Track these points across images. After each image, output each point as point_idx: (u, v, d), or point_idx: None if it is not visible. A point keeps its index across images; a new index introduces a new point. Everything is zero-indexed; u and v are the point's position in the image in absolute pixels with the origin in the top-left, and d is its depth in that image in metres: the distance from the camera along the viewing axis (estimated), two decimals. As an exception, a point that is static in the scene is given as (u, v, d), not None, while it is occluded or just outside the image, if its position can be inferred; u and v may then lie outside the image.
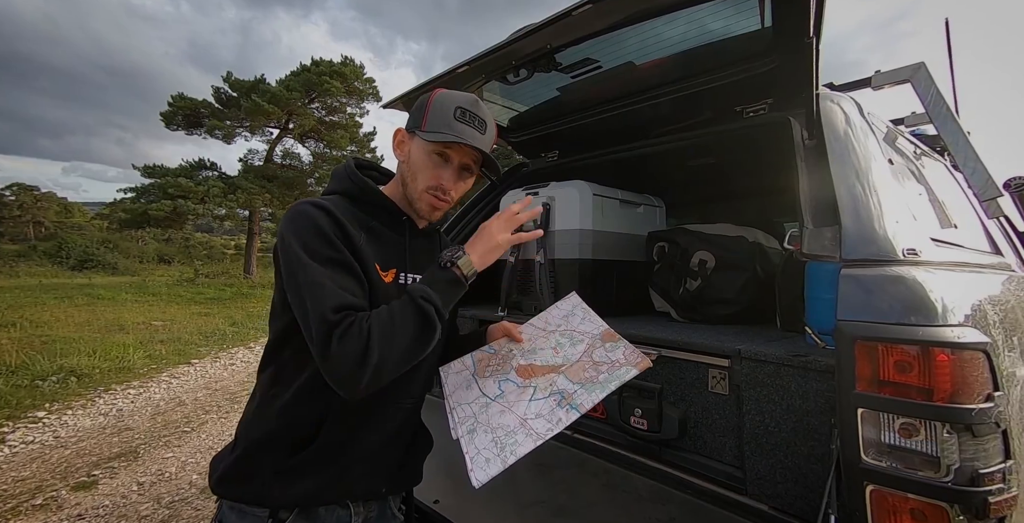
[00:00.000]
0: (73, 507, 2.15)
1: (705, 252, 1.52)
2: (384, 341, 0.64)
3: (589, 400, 0.77)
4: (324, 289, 0.66)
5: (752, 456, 0.98)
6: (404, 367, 0.68)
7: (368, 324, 0.65)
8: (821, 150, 1.00)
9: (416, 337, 0.68)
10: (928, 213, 1.11)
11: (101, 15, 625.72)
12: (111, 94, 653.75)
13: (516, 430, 0.74)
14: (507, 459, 0.70)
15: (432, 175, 0.80)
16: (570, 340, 0.91)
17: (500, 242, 0.79)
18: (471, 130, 0.79)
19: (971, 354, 0.66)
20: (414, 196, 0.82)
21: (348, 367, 0.63)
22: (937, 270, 0.82)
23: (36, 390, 3.75)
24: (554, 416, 0.75)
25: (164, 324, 6.90)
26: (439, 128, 0.77)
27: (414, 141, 0.81)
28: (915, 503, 0.66)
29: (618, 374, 0.81)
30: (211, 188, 13.46)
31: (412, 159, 0.81)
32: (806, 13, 0.90)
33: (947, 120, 1.27)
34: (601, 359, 0.85)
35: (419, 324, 0.68)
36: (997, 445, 0.65)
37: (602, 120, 1.65)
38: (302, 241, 0.70)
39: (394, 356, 0.65)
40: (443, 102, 0.79)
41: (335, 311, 0.65)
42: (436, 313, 0.69)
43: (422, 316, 0.68)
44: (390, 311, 0.68)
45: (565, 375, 0.83)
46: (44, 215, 31.63)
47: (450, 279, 0.73)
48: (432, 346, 0.71)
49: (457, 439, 0.76)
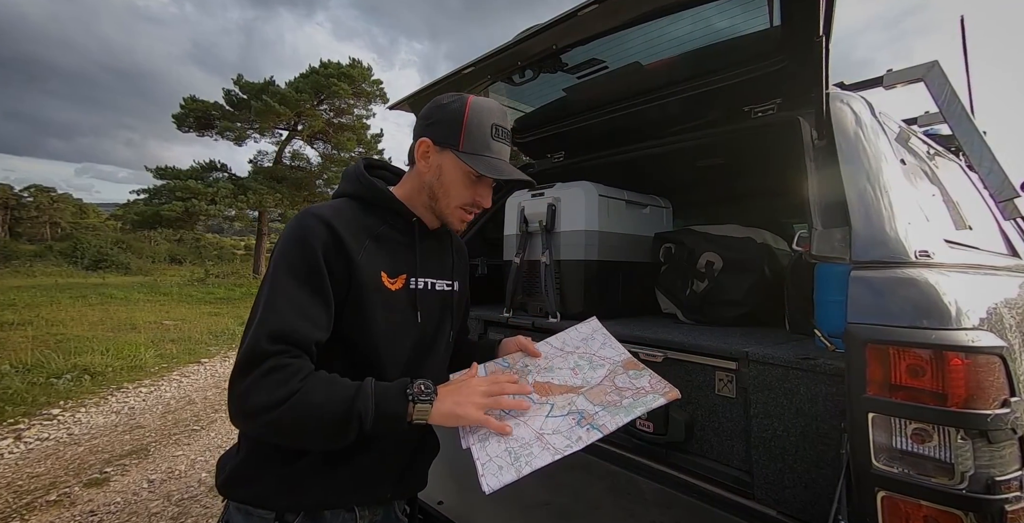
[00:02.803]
0: (85, 503, 2.19)
1: (712, 253, 1.51)
2: (297, 416, 0.61)
3: (612, 422, 0.74)
4: (276, 312, 0.65)
5: (760, 460, 0.97)
6: (292, 444, 0.66)
7: (298, 385, 0.62)
8: (831, 150, 0.98)
9: (323, 435, 0.64)
10: (942, 214, 1.09)
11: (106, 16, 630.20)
12: (119, 95, 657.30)
13: (532, 443, 0.71)
14: (521, 469, 0.67)
15: (469, 193, 0.80)
16: (589, 363, 0.88)
17: (469, 415, 0.70)
18: (504, 147, 0.80)
19: (986, 358, 0.64)
20: (445, 211, 0.81)
21: (247, 407, 0.61)
22: (951, 272, 0.80)
23: (51, 388, 3.82)
24: (573, 434, 0.73)
25: (175, 323, 7.00)
26: (479, 150, 0.77)
27: (445, 156, 0.78)
28: (928, 510, 0.64)
29: (644, 401, 0.78)
30: (221, 189, 13.65)
31: (445, 175, 0.79)
32: (815, 11, 0.88)
33: (962, 119, 1.25)
34: (624, 385, 0.82)
35: (336, 428, 0.63)
36: (1014, 452, 0.63)
37: (608, 120, 1.64)
38: (286, 256, 0.69)
39: (293, 433, 0.63)
40: (479, 119, 0.77)
41: (273, 340, 0.63)
42: (359, 429, 0.64)
43: (345, 424, 0.63)
44: (328, 390, 0.63)
45: (585, 396, 0.80)
46: (60, 216, 32.29)
47: (398, 415, 0.66)
48: (331, 448, 0.68)
49: (467, 448, 0.73)
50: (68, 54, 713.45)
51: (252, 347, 0.63)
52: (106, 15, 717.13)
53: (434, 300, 0.86)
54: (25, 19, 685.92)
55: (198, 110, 14.43)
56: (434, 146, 0.80)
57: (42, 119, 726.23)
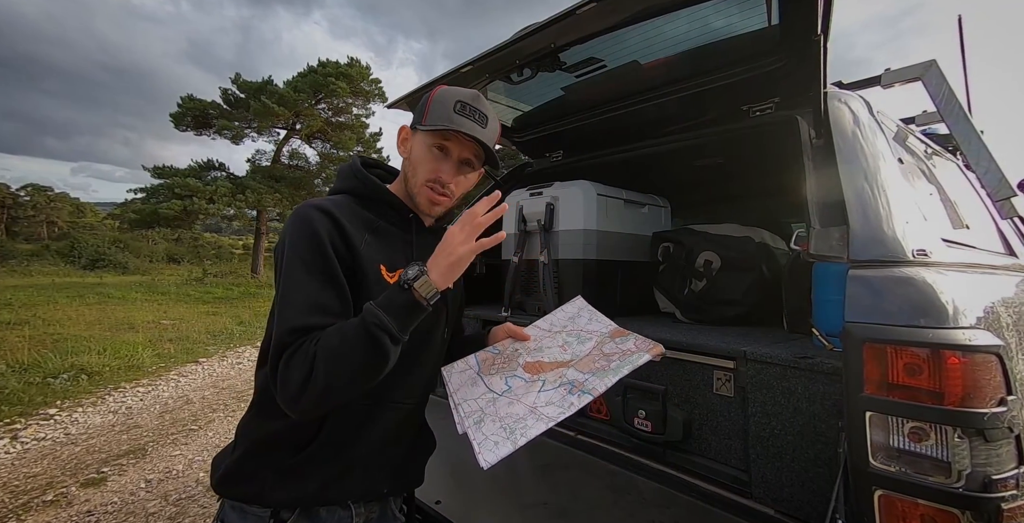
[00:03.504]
0: (82, 503, 2.18)
1: (711, 253, 1.51)
2: (329, 368, 0.62)
3: (602, 384, 0.75)
4: (293, 306, 0.66)
5: (758, 459, 0.97)
6: (353, 391, 0.66)
7: (315, 348, 0.63)
8: (829, 149, 0.98)
9: (364, 364, 0.64)
10: (939, 213, 1.09)
11: (102, 14, 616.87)
12: (115, 94, 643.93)
13: (526, 416, 0.72)
14: (517, 440, 0.68)
15: (432, 168, 0.80)
16: (578, 338, 0.90)
17: (462, 254, 0.70)
18: (471, 123, 0.78)
19: (983, 357, 0.64)
20: (414, 190, 0.82)
21: (290, 391, 0.62)
22: (948, 271, 0.80)
23: (48, 388, 3.81)
24: (565, 402, 0.74)
25: (173, 323, 6.98)
26: (438, 121, 0.77)
27: (416, 136, 0.81)
28: (925, 509, 0.64)
29: (631, 360, 0.80)
30: (219, 188, 13.62)
31: (413, 154, 0.81)
32: (814, 10, 0.88)
33: (959, 119, 1.25)
34: (612, 351, 0.84)
35: (368, 352, 0.64)
36: (1011, 450, 0.64)
37: (607, 120, 1.64)
38: (294, 248, 0.70)
39: (339, 383, 0.63)
40: (443, 97, 0.80)
41: (291, 332, 0.65)
42: (389, 339, 0.65)
43: (372, 343, 0.64)
44: (341, 335, 0.64)
45: (575, 368, 0.82)
46: (58, 215, 32.17)
47: (408, 302, 0.67)
48: (384, 372, 0.67)
49: (464, 432, 0.75)
50: (65, 53, 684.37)
51: (276, 343, 0.65)
52: (102, 13, 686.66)
53: None
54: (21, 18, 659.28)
55: (196, 109, 14.38)
56: (409, 131, 0.83)
57: (38, 118, 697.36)
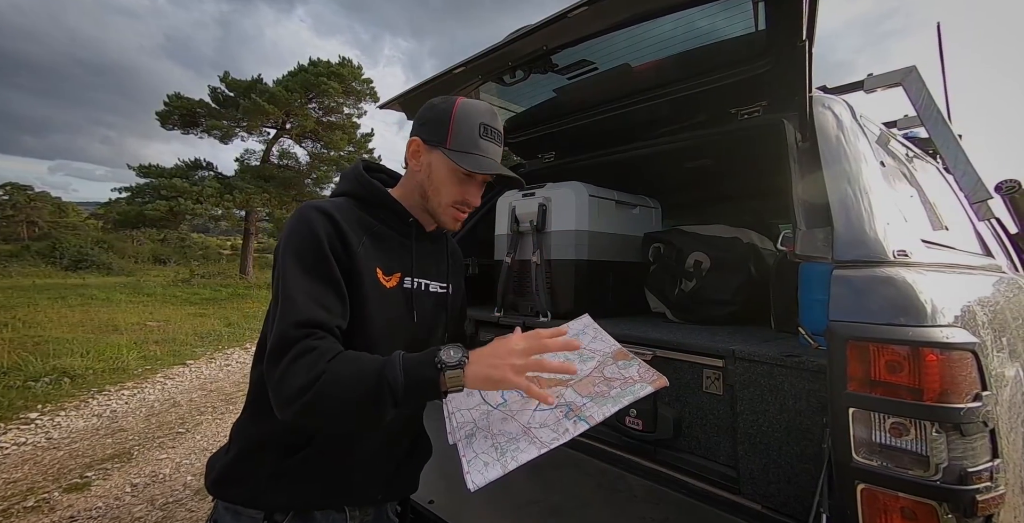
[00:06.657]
0: (65, 509, 2.13)
1: (700, 253, 1.53)
2: (328, 391, 0.60)
3: (599, 413, 0.74)
4: (296, 303, 0.65)
5: (746, 456, 0.99)
6: (342, 425, 0.65)
7: (326, 366, 0.61)
8: (814, 152, 1.00)
9: (358, 405, 0.61)
10: (919, 215, 1.12)
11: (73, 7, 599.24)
12: (92, 91, 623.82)
13: (519, 437, 0.71)
14: (507, 464, 0.67)
15: (458, 191, 0.80)
16: (579, 357, 0.89)
17: (507, 380, 0.65)
18: (494, 146, 0.80)
19: (960, 354, 0.67)
20: (437, 210, 0.81)
21: (286, 393, 0.61)
22: (927, 271, 0.83)
23: (28, 391, 3.71)
24: (560, 427, 0.72)
25: (159, 325, 6.85)
26: (466, 148, 0.77)
27: (434, 154, 0.79)
28: (905, 502, 0.66)
29: (632, 390, 0.78)
30: (207, 188, 13.40)
31: (435, 173, 0.80)
32: (799, 16, 0.91)
33: (938, 123, 1.29)
34: (613, 375, 0.83)
35: (366, 401, 0.61)
36: (985, 444, 0.66)
37: (598, 121, 1.66)
38: (294, 248, 0.70)
39: (328, 411, 0.61)
40: (467, 117, 0.78)
41: (298, 326, 0.63)
42: (392, 401, 0.61)
43: (374, 395, 0.61)
44: (357, 366, 0.62)
45: (573, 389, 0.80)
46: (38, 215, 31.36)
47: (430, 381, 0.63)
48: (373, 427, 0.65)
49: (454, 443, 0.73)
50: (36, 47, 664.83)
51: (280, 336, 0.63)
52: (73, 5, 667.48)
53: (428, 301, 0.87)
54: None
55: (183, 108, 14.13)
56: (424, 145, 0.81)
57: (11, 114, 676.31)
